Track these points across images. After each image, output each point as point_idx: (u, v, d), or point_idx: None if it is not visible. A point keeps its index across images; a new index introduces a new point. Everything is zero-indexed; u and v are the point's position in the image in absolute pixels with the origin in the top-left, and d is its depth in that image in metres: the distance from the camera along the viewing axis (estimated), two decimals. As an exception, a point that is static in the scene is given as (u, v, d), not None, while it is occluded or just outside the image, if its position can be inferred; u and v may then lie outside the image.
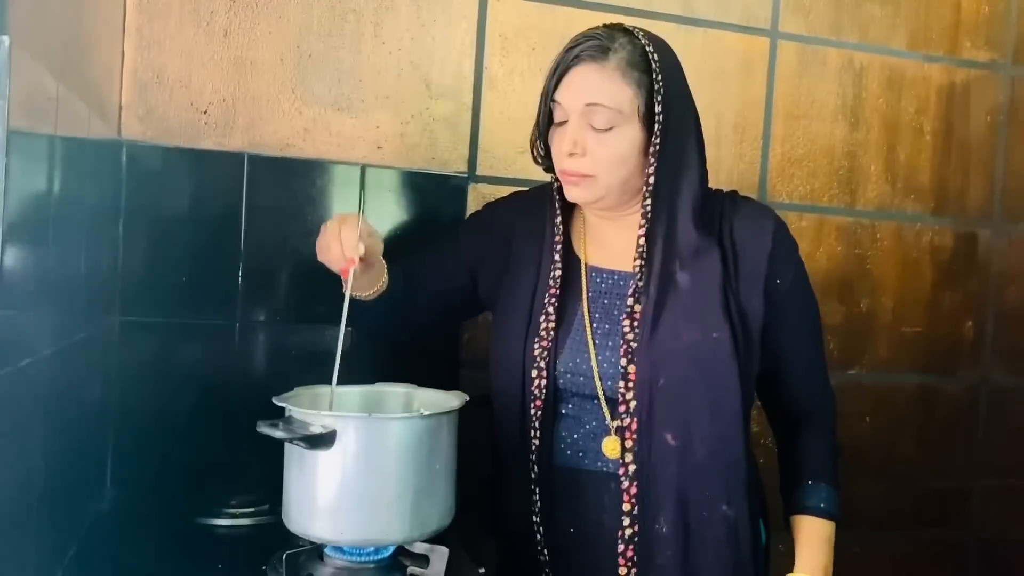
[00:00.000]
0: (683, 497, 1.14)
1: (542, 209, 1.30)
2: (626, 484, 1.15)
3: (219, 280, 1.44)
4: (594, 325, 1.21)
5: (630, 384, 1.15)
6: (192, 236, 1.43)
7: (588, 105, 1.15)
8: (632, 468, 1.15)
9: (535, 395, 1.19)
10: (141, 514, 1.26)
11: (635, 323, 1.17)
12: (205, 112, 1.45)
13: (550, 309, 1.21)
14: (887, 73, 1.85)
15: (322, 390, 1.11)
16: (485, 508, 1.27)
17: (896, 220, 1.87)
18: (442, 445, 1.02)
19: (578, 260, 1.27)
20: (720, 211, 1.24)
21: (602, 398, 1.18)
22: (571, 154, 1.17)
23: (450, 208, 1.57)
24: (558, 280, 1.23)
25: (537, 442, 1.19)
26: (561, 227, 1.26)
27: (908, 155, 1.87)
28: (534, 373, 1.20)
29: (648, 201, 1.17)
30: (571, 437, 1.21)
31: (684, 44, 1.69)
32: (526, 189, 1.41)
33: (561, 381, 1.20)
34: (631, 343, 1.16)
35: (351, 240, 1.12)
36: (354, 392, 1.16)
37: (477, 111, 1.59)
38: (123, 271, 1.39)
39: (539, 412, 1.19)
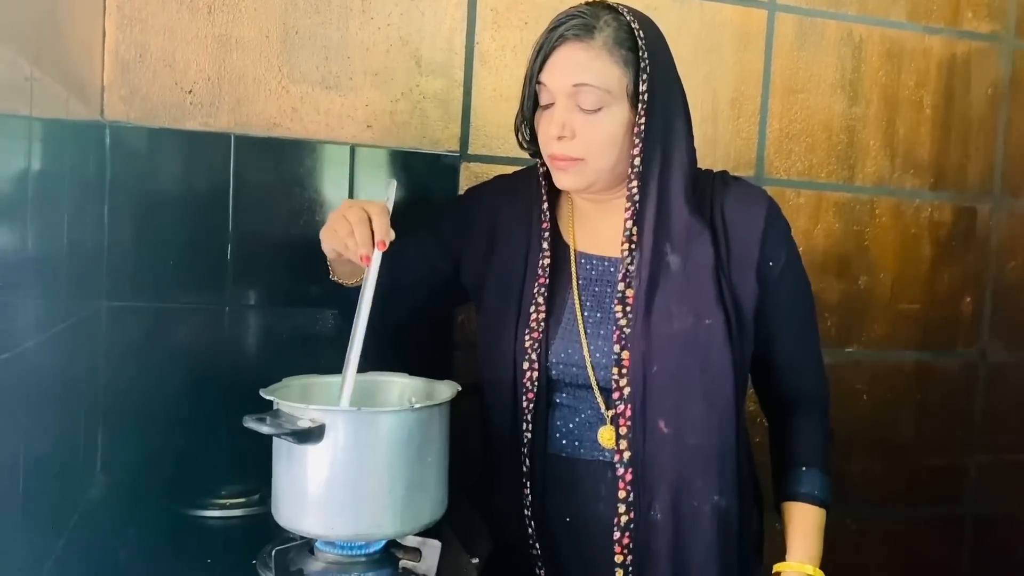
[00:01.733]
0: (675, 485, 1.12)
1: (528, 194, 1.27)
2: (621, 471, 1.13)
3: (207, 264, 1.42)
4: (585, 314, 1.19)
5: (623, 371, 1.13)
6: (179, 219, 1.40)
7: (576, 86, 1.12)
8: (627, 455, 1.13)
9: (527, 387, 1.17)
10: (131, 503, 1.24)
11: (627, 308, 1.15)
12: (190, 92, 1.42)
13: (540, 300, 1.19)
14: (887, 45, 1.81)
15: (311, 380, 1.09)
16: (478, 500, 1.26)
17: (895, 196, 1.84)
18: (433, 437, 1.00)
19: (567, 246, 1.24)
20: (711, 192, 1.21)
21: (595, 387, 1.16)
22: (560, 137, 1.13)
23: (442, 188, 1.54)
24: (547, 269, 1.20)
25: (530, 434, 1.18)
26: (548, 213, 1.23)
27: (907, 129, 1.84)
28: (525, 365, 1.17)
29: (635, 183, 1.14)
30: (566, 427, 1.19)
31: (679, 18, 1.67)
32: (509, 173, 1.38)
33: (554, 372, 1.18)
34: (624, 329, 1.14)
35: (383, 225, 1.09)
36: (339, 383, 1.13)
37: (469, 88, 1.56)
38: (109, 255, 1.36)
39: (532, 404, 1.17)
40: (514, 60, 1.58)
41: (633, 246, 1.15)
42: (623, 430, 1.13)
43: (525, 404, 1.17)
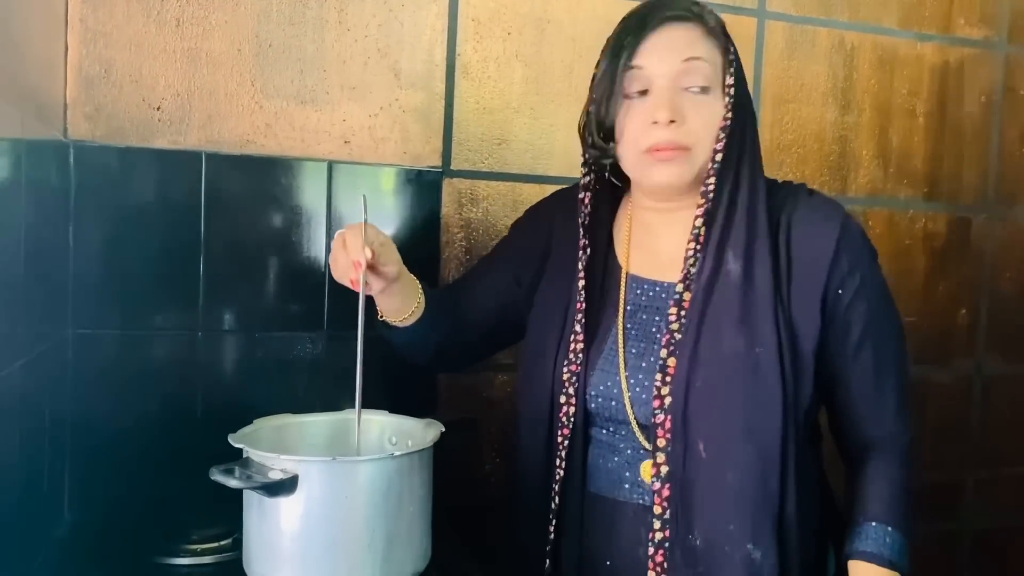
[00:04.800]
0: (709, 525, 1.01)
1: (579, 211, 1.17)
2: (659, 511, 1.03)
3: (179, 288, 1.35)
4: (628, 343, 1.09)
5: (665, 400, 1.03)
6: (148, 242, 1.34)
7: (687, 60, 1.04)
8: (665, 492, 1.03)
9: (563, 422, 1.09)
10: (98, 546, 1.17)
11: (675, 334, 1.05)
12: (158, 108, 1.35)
13: (578, 328, 1.10)
14: (879, 53, 1.77)
15: (285, 421, 1.03)
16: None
17: (888, 207, 1.80)
18: (415, 485, 0.94)
19: (619, 268, 1.14)
20: (781, 205, 1.09)
21: (634, 423, 1.07)
22: (671, 122, 1.03)
23: (424, 205, 1.48)
24: (583, 293, 1.11)
25: (562, 472, 1.09)
26: (589, 232, 1.13)
27: (900, 138, 1.80)
28: (563, 399, 1.09)
29: (712, 180, 1.05)
30: (606, 465, 1.10)
31: (668, 26, 1.62)
32: (566, 187, 1.27)
33: (592, 405, 1.09)
34: (670, 354, 1.04)
35: (356, 244, 1.02)
36: (320, 422, 1.07)
37: (450, 101, 1.50)
38: (75, 281, 1.30)
39: (567, 440, 1.09)
40: (497, 72, 1.52)
41: (699, 247, 1.06)
42: (663, 467, 1.03)
43: (560, 440, 1.09)
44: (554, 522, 1.10)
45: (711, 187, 1.06)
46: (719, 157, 1.06)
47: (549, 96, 1.56)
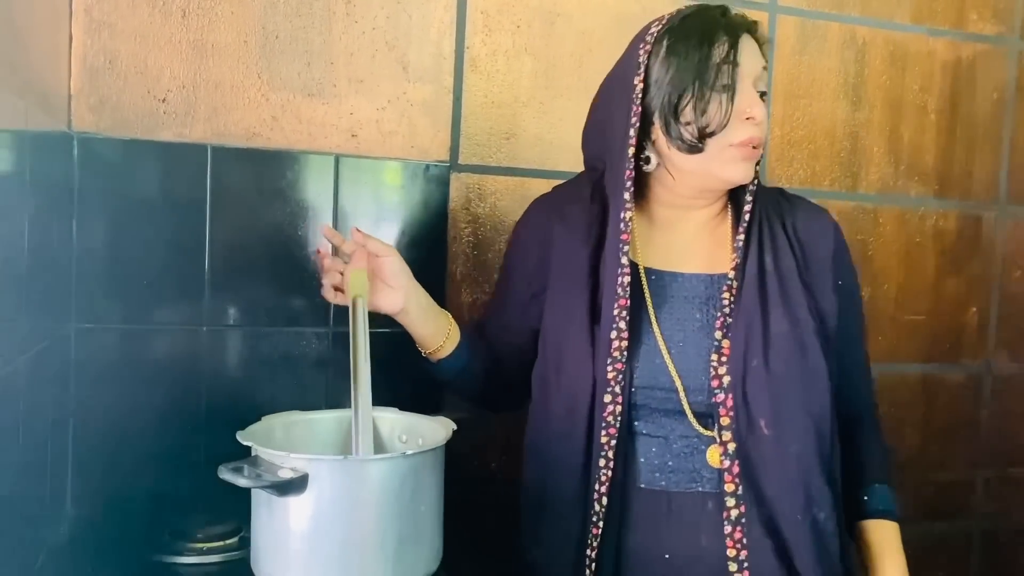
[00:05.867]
0: (777, 497, 1.07)
1: (583, 209, 1.18)
2: (732, 488, 1.07)
3: (183, 283, 1.34)
4: (666, 334, 1.12)
5: (723, 381, 1.08)
6: (153, 236, 1.32)
7: (764, 67, 1.11)
8: (736, 469, 1.07)
9: (608, 421, 1.08)
10: (102, 543, 1.16)
11: (727, 317, 1.10)
12: (163, 100, 1.33)
13: (622, 324, 1.09)
14: (890, 48, 1.75)
15: (294, 418, 1.01)
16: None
17: (899, 204, 1.79)
18: (427, 484, 0.92)
19: (633, 264, 1.14)
20: (778, 206, 1.20)
21: (689, 412, 1.09)
22: (759, 121, 1.09)
23: (431, 200, 1.46)
24: (627, 288, 1.10)
25: (610, 472, 1.08)
26: (630, 225, 1.11)
27: (912, 135, 1.79)
28: (607, 398, 1.08)
29: (756, 179, 1.15)
30: (657, 460, 1.11)
31: (678, 20, 1.60)
32: (546, 194, 1.29)
33: (640, 400, 1.10)
34: (724, 336, 1.09)
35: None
36: (328, 419, 1.06)
37: (459, 95, 1.49)
38: (78, 276, 1.28)
39: (613, 439, 1.08)
40: (506, 65, 1.51)
41: (747, 242, 1.13)
42: (729, 445, 1.07)
43: (606, 440, 1.08)
44: (601, 522, 1.09)
45: (755, 186, 1.15)
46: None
47: (558, 90, 1.54)
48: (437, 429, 1.00)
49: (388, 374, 1.15)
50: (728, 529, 1.07)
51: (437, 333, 1.18)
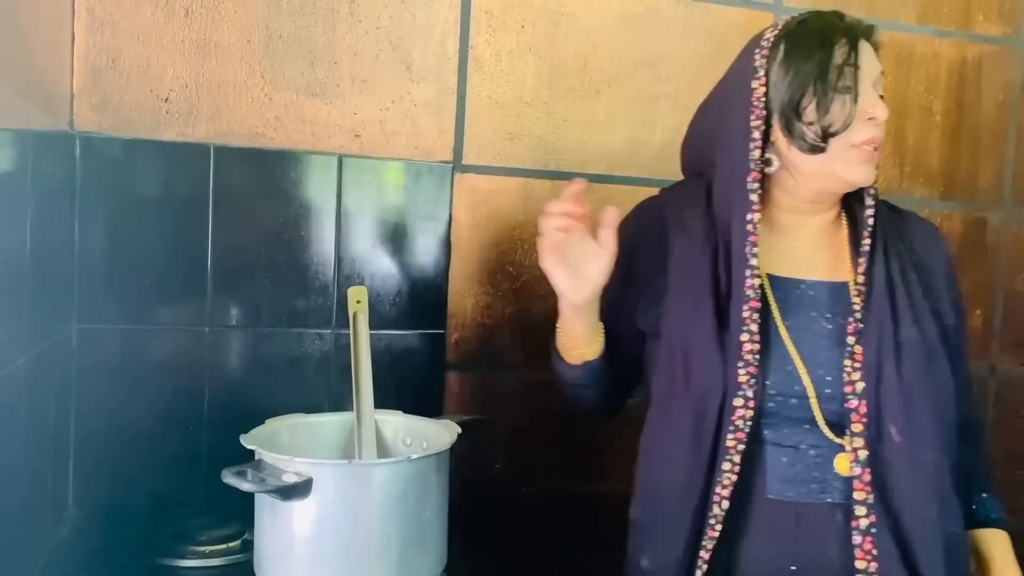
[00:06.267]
0: (908, 507, 1.05)
1: (698, 215, 1.16)
2: (862, 496, 1.04)
3: (186, 283, 1.33)
4: (793, 339, 1.10)
5: (856, 388, 1.06)
6: (155, 236, 1.32)
7: (882, 72, 1.11)
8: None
9: (737, 426, 1.06)
10: (102, 547, 1.15)
11: (859, 323, 1.08)
12: (166, 100, 1.33)
13: (754, 327, 1.06)
14: (896, 49, 1.74)
15: (297, 420, 1.01)
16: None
17: (904, 205, 1.76)
18: (432, 488, 0.92)
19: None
20: (889, 216, 1.20)
21: (821, 419, 1.07)
22: (880, 123, 1.09)
23: (435, 200, 1.46)
24: (758, 291, 1.08)
25: (734, 476, 1.05)
26: (757, 227, 1.09)
27: (917, 137, 1.78)
28: (738, 402, 1.05)
29: (875, 184, 1.15)
30: (786, 469, 1.08)
31: (683, 21, 1.60)
32: (654, 196, 1.26)
33: (772, 405, 1.08)
34: (856, 342, 1.08)
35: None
36: (333, 422, 1.05)
37: (462, 95, 1.48)
38: (80, 276, 1.28)
39: (741, 445, 1.06)
40: (510, 65, 1.50)
41: (872, 248, 1.12)
42: (860, 452, 1.05)
43: (733, 444, 1.06)
44: (719, 527, 1.06)
45: (875, 190, 1.15)
46: None
47: (562, 91, 1.53)
48: (441, 432, 0.99)
49: (391, 377, 1.15)
50: (858, 539, 1.04)
51: (594, 334, 1.14)
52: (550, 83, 1.52)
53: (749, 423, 1.06)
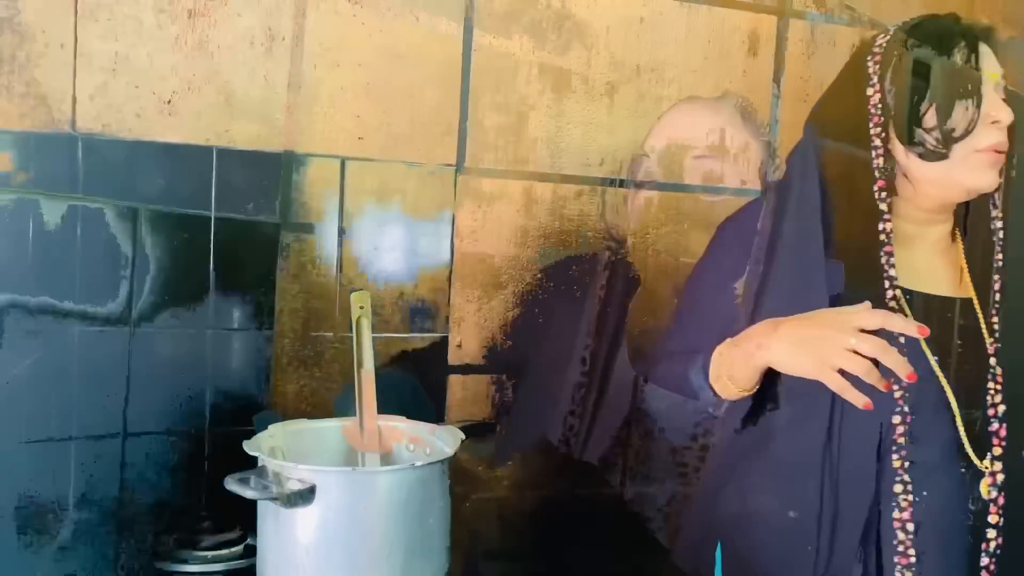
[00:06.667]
0: None
1: None
2: (995, 519, 1.04)
3: (188, 284, 1.33)
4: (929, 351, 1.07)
5: (998, 394, 1.05)
6: (157, 238, 1.31)
7: (1003, 75, 1.09)
8: (1000, 478, 1.03)
9: (900, 444, 1.03)
10: (103, 552, 1.15)
11: (996, 341, 1.07)
12: (168, 102, 1.32)
13: (902, 340, 1.00)
14: (900, 52, 1.74)
15: (302, 426, 1.00)
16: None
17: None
18: (435, 495, 0.92)
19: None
20: None
21: (966, 441, 1.05)
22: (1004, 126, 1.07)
23: (438, 202, 1.45)
24: (899, 301, 1.06)
25: (908, 496, 1.03)
26: (892, 236, 1.07)
27: (921, 139, 1.77)
28: (896, 419, 1.02)
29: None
30: (928, 493, 1.05)
31: (687, 22, 1.59)
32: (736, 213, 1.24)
33: (916, 426, 1.04)
34: (997, 363, 1.06)
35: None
36: (336, 428, 1.05)
37: (466, 96, 1.47)
38: (80, 276, 1.27)
39: (906, 463, 1.03)
40: (514, 67, 1.49)
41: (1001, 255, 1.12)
42: (999, 475, 1.03)
43: (897, 463, 1.03)
44: (912, 551, 1.04)
45: (998, 199, 1.15)
46: None
47: (565, 93, 1.53)
48: (445, 438, 0.99)
49: (394, 382, 1.15)
50: (984, 561, 1.04)
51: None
52: (553, 86, 1.52)
53: (909, 443, 1.03)
